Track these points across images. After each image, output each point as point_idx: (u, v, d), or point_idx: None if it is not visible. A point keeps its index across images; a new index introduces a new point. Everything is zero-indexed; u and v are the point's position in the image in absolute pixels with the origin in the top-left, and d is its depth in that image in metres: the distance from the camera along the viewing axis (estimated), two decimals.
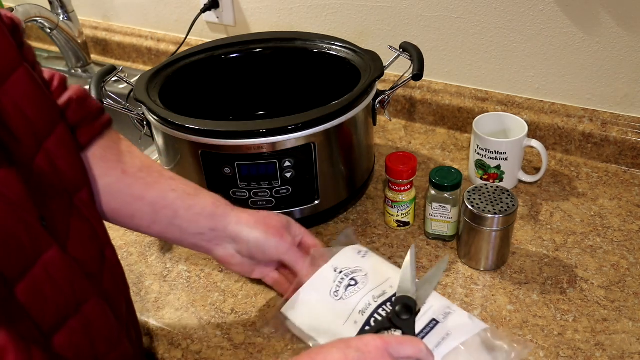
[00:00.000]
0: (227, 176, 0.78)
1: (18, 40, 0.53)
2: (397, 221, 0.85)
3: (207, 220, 0.65)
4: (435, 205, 0.79)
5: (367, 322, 0.61)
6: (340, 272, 0.66)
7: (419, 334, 0.60)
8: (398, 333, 0.59)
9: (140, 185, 0.63)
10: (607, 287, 0.74)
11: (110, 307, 0.53)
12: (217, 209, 0.66)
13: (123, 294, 0.59)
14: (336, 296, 0.65)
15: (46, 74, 0.60)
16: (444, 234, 0.82)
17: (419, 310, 0.62)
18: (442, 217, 0.80)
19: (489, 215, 0.72)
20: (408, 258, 0.65)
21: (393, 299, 0.63)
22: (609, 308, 0.72)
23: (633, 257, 0.79)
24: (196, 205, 0.65)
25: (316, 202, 0.82)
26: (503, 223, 0.73)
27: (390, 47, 0.89)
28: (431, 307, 0.63)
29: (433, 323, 0.61)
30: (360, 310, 0.62)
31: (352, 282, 0.65)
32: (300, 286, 0.67)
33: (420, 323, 0.61)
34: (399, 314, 0.60)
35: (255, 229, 0.66)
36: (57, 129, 0.52)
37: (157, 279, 0.81)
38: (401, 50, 0.88)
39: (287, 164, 0.77)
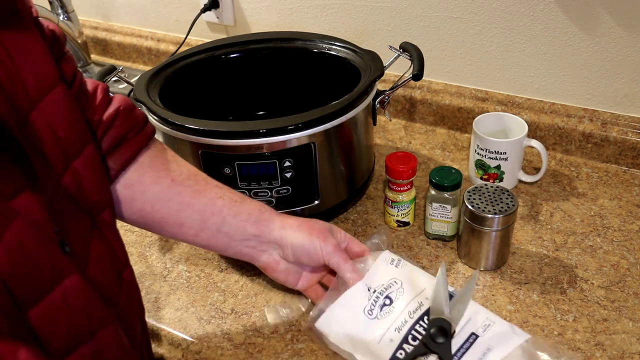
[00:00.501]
0: (227, 176, 0.78)
1: (58, 53, 0.53)
2: (397, 221, 0.85)
3: (253, 227, 0.65)
4: (435, 205, 0.79)
5: (405, 340, 0.60)
6: (374, 292, 0.65)
7: (457, 350, 0.59)
8: (434, 358, 0.58)
9: (189, 193, 0.63)
10: (607, 287, 0.75)
11: (125, 332, 0.52)
12: (262, 215, 0.66)
13: (138, 315, 0.58)
14: (370, 315, 0.64)
15: (89, 84, 0.59)
16: (444, 234, 0.82)
17: (454, 332, 0.60)
18: (442, 217, 0.80)
19: (489, 215, 0.72)
20: (440, 276, 0.64)
21: (428, 316, 0.62)
22: (609, 308, 0.72)
23: (633, 257, 0.79)
24: (243, 212, 0.65)
25: (316, 202, 0.82)
26: (503, 223, 0.73)
27: (390, 47, 0.89)
28: (469, 319, 0.61)
29: (472, 338, 0.60)
30: (396, 328, 0.62)
31: (387, 301, 0.64)
32: (332, 294, 0.66)
33: (458, 339, 0.60)
34: (434, 338, 0.59)
35: (299, 231, 0.66)
36: (86, 149, 0.51)
37: (157, 279, 0.81)
38: (401, 50, 0.88)
39: (287, 164, 0.77)
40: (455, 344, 0.59)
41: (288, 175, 0.78)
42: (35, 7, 0.51)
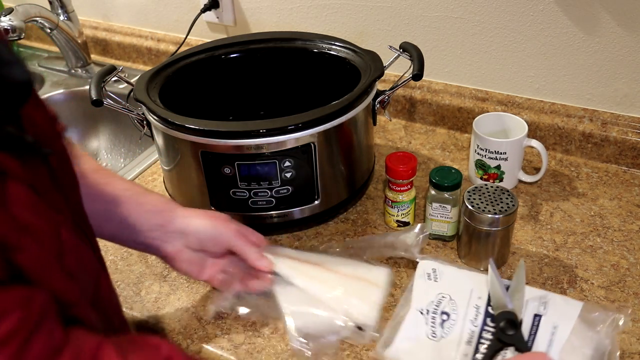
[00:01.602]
0: (227, 176, 0.78)
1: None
2: (397, 221, 0.85)
3: (157, 217, 0.67)
4: (435, 205, 0.79)
5: (477, 350, 0.62)
6: (428, 312, 0.66)
7: (529, 337, 0.61)
8: (511, 350, 0.60)
9: (95, 185, 0.65)
10: (607, 287, 0.74)
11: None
12: (165, 205, 0.69)
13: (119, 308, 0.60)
14: (435, 337, 0.64)
15: None
16: (444, 234, 0.82)
17: (522, 321, 0.62)
18: (442, 217, 0.80)
19: (489, 215, 0.72)
20: (491, 272, 0.66)
21: (489, 309, 0.64)
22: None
23: (633, 257, 0.79)
24: (147, 202, 0.68)
25: (316, 202, 0.82)
26: (503, 223, 0.73)
27: (390, 47, 0.89)
28: (526, 302, 0.64)
29: (537, 319, 0.63)
30: (466, 341, 0.63)
31: (444, 317, 0.66)
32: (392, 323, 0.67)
33: (525, 325, 0.62)
34: (505, 331, 0.61)
35: (202, 218, 0.69)
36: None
37: (157, 279, 0.81)
38: (401, 50, 0.88)
39: (287, 164, 0.77)
40: (524, 330, 0.62)
41: (288, 175, 0.78)
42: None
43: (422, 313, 0.66)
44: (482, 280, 0.68)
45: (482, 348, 0.62)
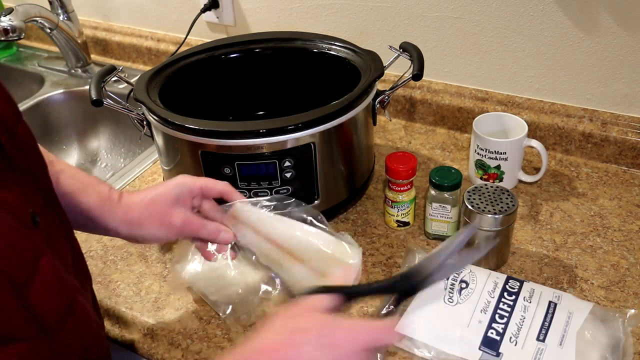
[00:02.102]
0: (227, 176, 0.78)
1: None
2: (397, 221, 0.85)
3: (92, 222, 0.64)
4: (435, 205, 0.79)
5: (492, 319, 0.65)
6: (448, 279, 0.70)
7: (544, 321, 0.65)
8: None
9: (59, 175, 0.63)
10: (607, 287, 0.74)
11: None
12: (103, 206, 0.64)
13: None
14: (451, 302, 0.68)
15: None
16: (444, 234, 0.82)
17: (425, 279, 0.54)
18: (442, 217, 0.80)
19: (489, 215, 0.72)
20: (456, 237, 0.56)
21: (507, 286, 0.68)
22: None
23: (633, 257, 0.79)
24: (82, 203, 0.63)
25: (316, 202, 0.82)
26: (503, 223, 0.73)
27: (390, 47, 0.89)
28: (541, 293, 0.68)
29: (552, 306, 0.66)
30: (482, 310, 0.66)
31: (463, 285, 0.69)
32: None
33: (540, 309, 0.66)
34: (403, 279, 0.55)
35: (148, 228, 0.65)
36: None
37: (157, 279, 0.81)
38: (401, 50, 0.88)
39: (287, 164, 0.77)
40: (539, 314, 0.65)
41: (288, 175, 0.78)
42: None
43: None
44: (501, 275, 0.72)
45: (496, 326, 0.64)
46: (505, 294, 0.68)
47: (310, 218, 0.70)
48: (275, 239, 0.68)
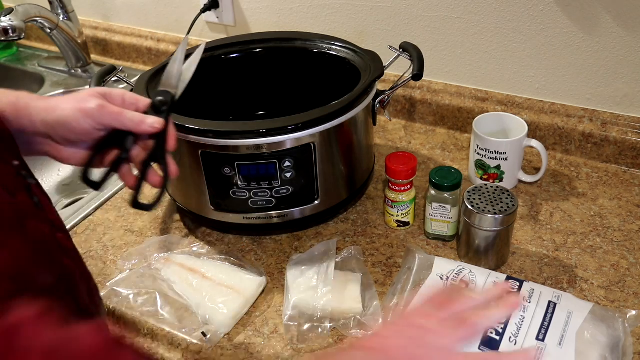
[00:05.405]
0: (227, 176, 0.78)
1: None
2: (397, 221, 0.85)
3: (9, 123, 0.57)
4: (435, 205, 0.79)
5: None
6: (447, 279, 0.71)
7: (543, 320, 0.64)
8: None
9: None
10: (607, 287, 0.74)
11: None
12: (18, 102, 0.58)
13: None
14: None
15: None
16: (444, 234, 0.82)
17: (177, 100, 0.63)
18: (442, 217, 0.80)
19: (489, 215, 0.72)
20: (179, 50, 0.66)
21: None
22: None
23: (633, 257, 0.79)
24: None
25: (316, 202, 0.82)
26: (503, 223, 0.73)
27: (390, 47, 0.89)
28: (541, 293, 0.68)
29: (552, 306, 0.66)
30: None
31: (463, 285, 0.69)
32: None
33: (539, 309, 0.66)
34: (159, 107, 0.61)
35: (51, 114, 0.58)
36: None
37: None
38: (401, 50, 0.88)
39: (287, 164, 0.77)
40: (539, 314, 0.65)
41: (288, 175, 0.78)
42: None
43: (441, 278, 0.70)
44: (501, 275, 0.73)
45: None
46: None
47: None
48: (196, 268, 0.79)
